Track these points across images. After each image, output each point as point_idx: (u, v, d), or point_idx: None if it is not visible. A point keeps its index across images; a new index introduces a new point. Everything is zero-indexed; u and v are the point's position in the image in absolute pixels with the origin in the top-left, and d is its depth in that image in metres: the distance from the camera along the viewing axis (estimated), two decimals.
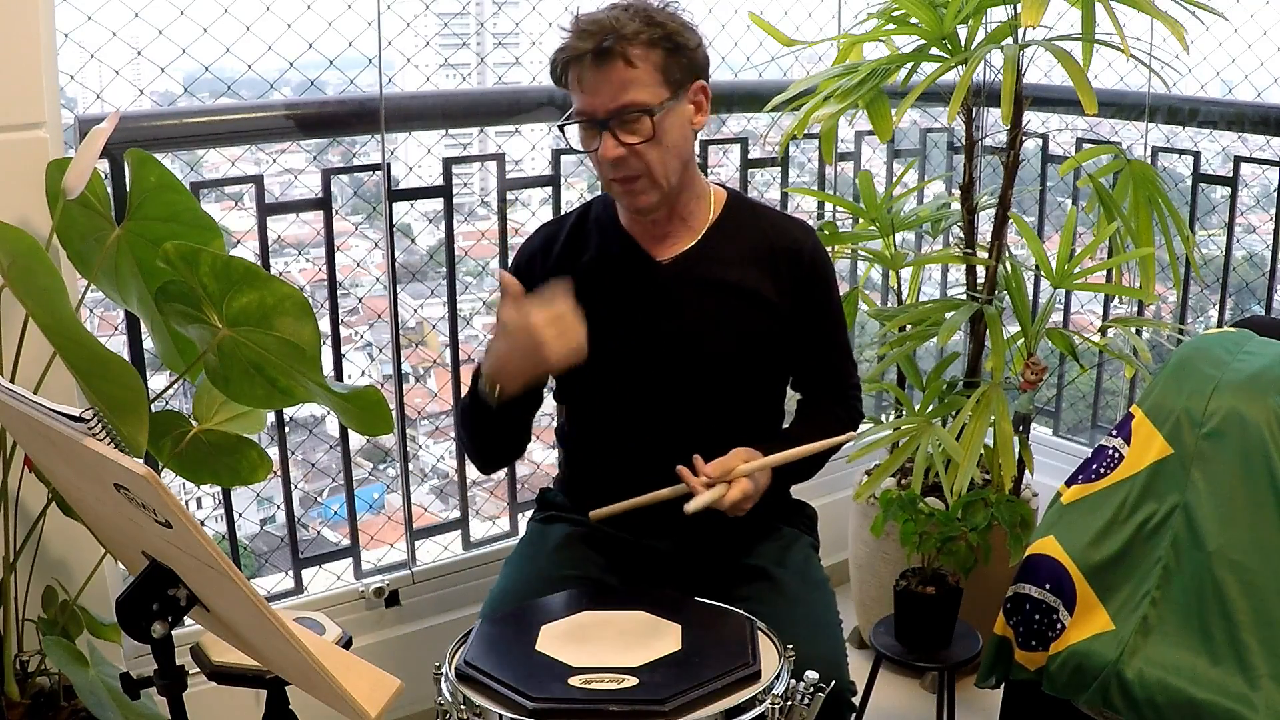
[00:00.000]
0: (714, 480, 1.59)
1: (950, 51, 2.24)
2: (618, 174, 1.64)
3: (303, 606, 2.24)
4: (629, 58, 1.58)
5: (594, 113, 1.60)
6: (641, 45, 1.58)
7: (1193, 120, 2.67)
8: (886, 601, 2.28)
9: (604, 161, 1.63)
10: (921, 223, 2.64)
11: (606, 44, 1.56)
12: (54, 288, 1.46)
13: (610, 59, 1.57)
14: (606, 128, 1.60)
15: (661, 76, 1.60)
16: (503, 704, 1.31)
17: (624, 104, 1.59)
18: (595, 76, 1.58)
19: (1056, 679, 1.85)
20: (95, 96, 1.98)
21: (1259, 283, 2.83)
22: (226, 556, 1.06)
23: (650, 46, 1.59)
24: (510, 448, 1.79)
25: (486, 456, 1.81)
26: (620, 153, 1.61)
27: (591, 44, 1.57)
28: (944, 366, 2.51)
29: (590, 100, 1.60)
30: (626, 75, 1.58)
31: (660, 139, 1.61)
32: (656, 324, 1.73)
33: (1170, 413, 1.95)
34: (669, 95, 1.61)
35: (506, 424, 1.69)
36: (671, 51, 1.61)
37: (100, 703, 1.52)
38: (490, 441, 1.75)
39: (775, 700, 1.32)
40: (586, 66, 1.58)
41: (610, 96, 1.59)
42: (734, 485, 1.59)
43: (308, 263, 2.40)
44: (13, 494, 1.68)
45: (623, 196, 1.69)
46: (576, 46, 1.58)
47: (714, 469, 1.60)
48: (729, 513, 1.61)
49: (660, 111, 1.60)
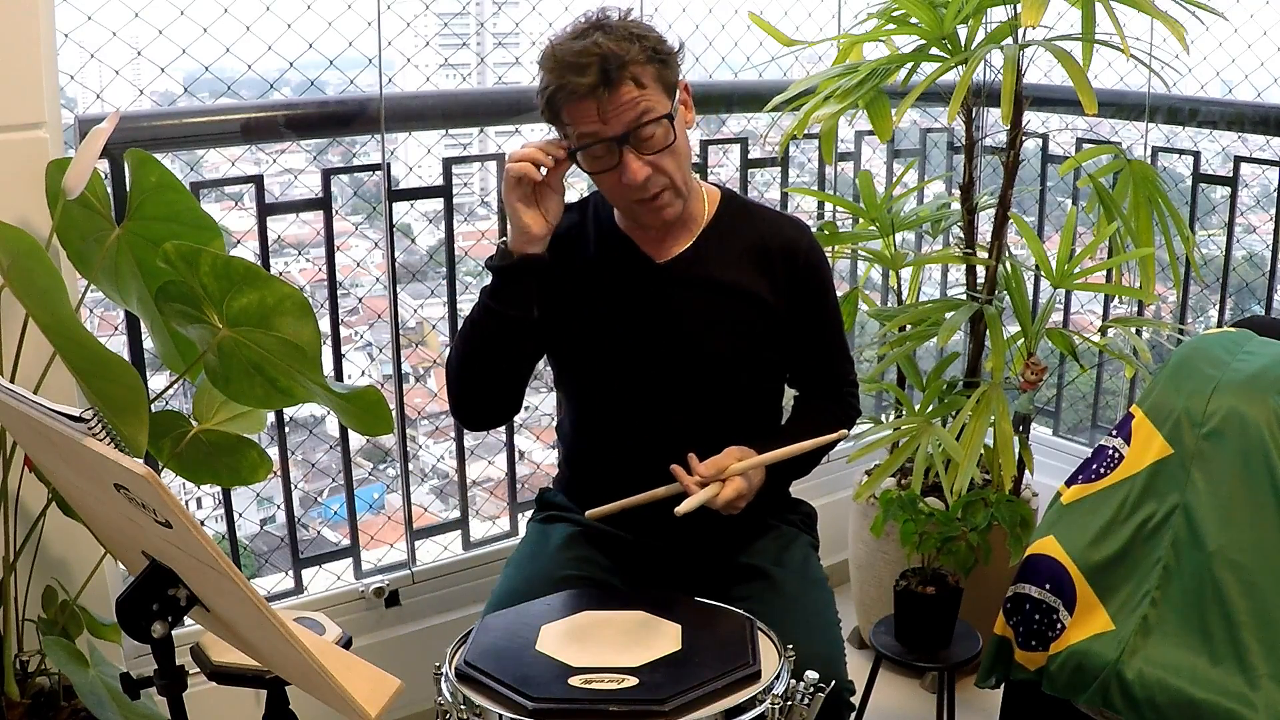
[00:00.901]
0: (707, 479, 1.60)
1: (950, 51, 2.24)
2: (646, 193, 1.62)
3: (303, 606, 2.24)
4: (637, 78, 1.57)
5: (611, 135, 1.58)
6: (639, 64, 1.57)
7: (1193, 120, 2.67)
8: (886, 601, 2.29)
9: (629, 185, 1.60)
10: (921, 223, 2.64)
11: (612, 73, 1.54)
12: (54, 288, 1.46)
13: (619, 85, 1.56)
14: (626, 143, 1.58)
15: (661, 86, 1.60)
16: (503, 704, 1.31)
17: (640, 119, 1.57)
18: (606, 105, 1.56)
19: (1056, 679, 1.85)
20: (95, 96, 1.98)
21: (1259, 283, 2.83)
22: (226, 556, 1.06)
23: (647, 63, 1.58)
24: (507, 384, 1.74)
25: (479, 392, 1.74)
26: (648, 171, 1.60)
27: (594, 77, 1.54)
28: (944, 366, 2.51)
29: (602, 126, 1.57)
30: (636, 94, 1.57)
31: (675, 145, 1.62)
32: (656, 325, 1.73)
33: (1170, 413, 1.95)
34: (672, 104, 1.62)
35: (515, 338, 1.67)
36: (662, 63, 1.60)
37: (100, 703, 1.52)
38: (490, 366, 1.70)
39: (775, 700, 1.32)
40: (596, 97, 1.55)
41: (626, 117, 1.57)
42: (727, 484, 1.60)
43: (308, 263, 2.40)
44: (13, 494, 1.68)
45: (646, 214, 1.67)
46: (578, 83, 1.54)
47: (707, 468, 1.60)
48: (723, 511, 1.61)
49: (675, 116, 1.61)
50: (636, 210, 1.67)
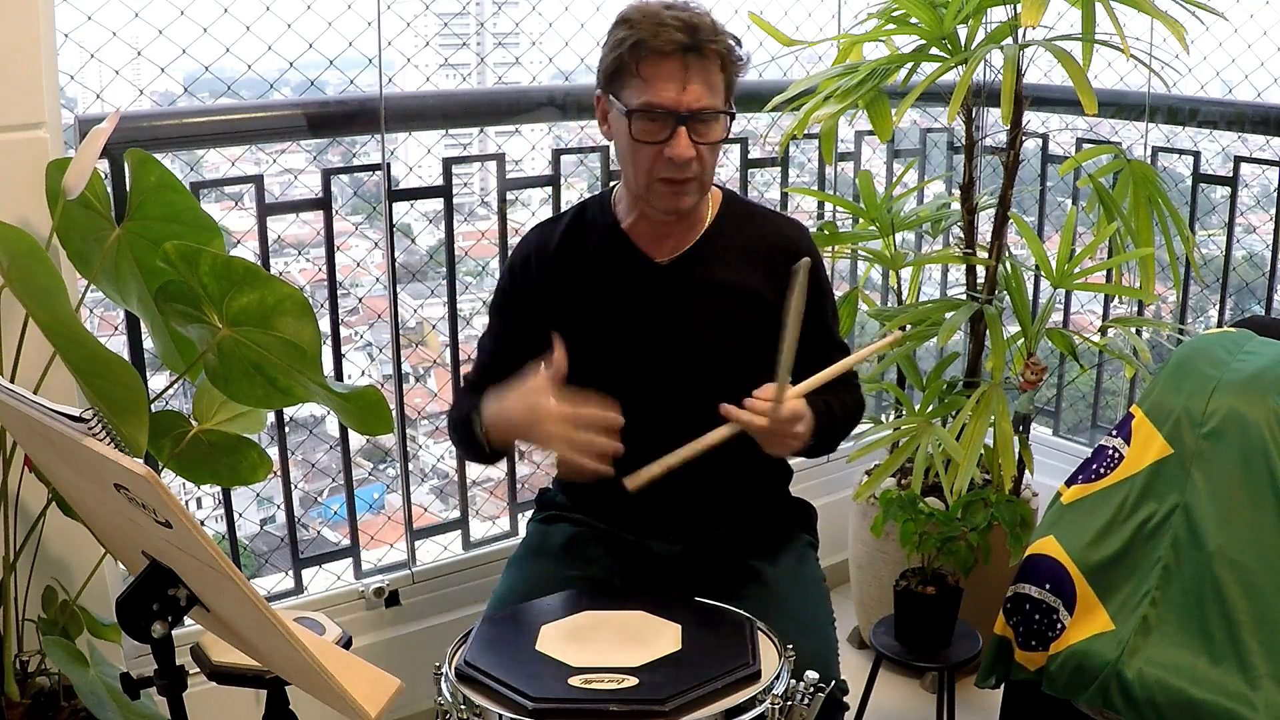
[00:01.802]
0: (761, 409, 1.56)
1: (950, 51, 2.24)
2: (679, 174, 1.62)
3: (303, 606, 2.24)
4: (724, 61, 1.58)
5: (677, 107, 1.57)
6: (723, 52, 1.59)
7: (1193, 120, 2.67)
8: (886, 601, 2.29)
9: (671, 159, 1.59)
10: (921, 223, 2.64)
11: (703, 43, 1.55)
12: (54, 288, 1.46)
13: (708, 58, 1.56)
14: (685, 123, 1.58)
15: (726, 89, 1.62)
16: (503, 704, 1.31)
17: (708, 105, 1.58)
18: (688, 72, 1.56)
19: (1056, 679, 1.85)
20: (95, 96, 1.98)
21: (1259, 283, 2.83)
22: (226, 556, 1.06)
23: (727, 55, 1.60)
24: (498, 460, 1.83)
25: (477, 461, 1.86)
26: (693, 154, 1.59)
27: (686, 37, 1.54)
28: (944, 366, 2.51)
29: (676, 94, 1.56)
30: (715, 78, 1.58)
31: (717, 146, 1.63)
32: (656, 325, 1.73)
33: (1170, 413, 1.95)
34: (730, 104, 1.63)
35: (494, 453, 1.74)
36: (734, 63, 1.62)
37: (100, 703, 1.52)
38: (478, 455, 1.78)
39: (775, 700, 1.33)
40: (681, 59, 1.55)
41: (697, 95, 1.57)
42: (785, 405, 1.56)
43: (308, 263, 2.40)
44: (13, 494, 1.68)
45: (666, 197, 1.66)
46: (669, 39, 1.54)
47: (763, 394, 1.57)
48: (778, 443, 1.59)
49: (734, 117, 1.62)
50: (658, 191, 1.65)
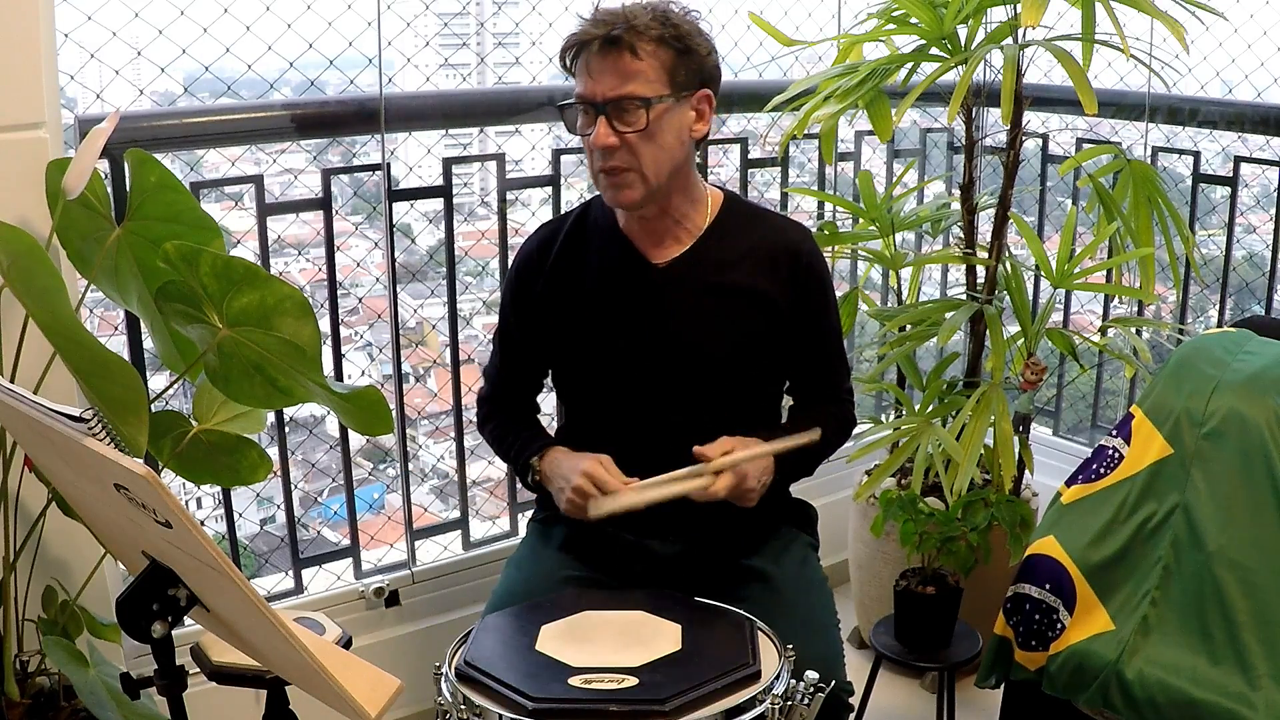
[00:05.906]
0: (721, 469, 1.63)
1: (950, 51, 2.24)
2: (606, 163, 1.64)
3: (303, 606, 2.24)
4: (635, 49, 1.59)
5: (593, 97, 1.61)
6: (651, 41, 1.60)
7: (1193, 120, 2.67)
8: (886, 601, 2.28)
9: (595, 149, 1.63)
10: (921, 223, 2.64)
11: (616, 32, 1.58)
12: (54, 288, 1.46)
13: (618, 47, 1.59)
14: (603, 113, 1.61)
15: (666, 76, 1.61)
16: (503, 704, 1.31)
17: (624, 94, 1.60)
18: (601, 63, 1.60)
19: (1056, 679, 1.85)
20: (95, 96, 1.98)
21: (1259, 283, 2.83)
22: (226, 556, 1.06)
23: (659, 43, 1.61)
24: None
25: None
26: (612, 141, 1.61)
27: (602, 31, 1.59)
28: (944, 366, 2.51)
29: (592, 86, 1.61)
30: (631, 66, 1.60)
31: (654, 135, 1.62)
32: (653, 327, 1.73)
33: (1170, 413, 1.95)
34: (669, 94, 1.62)
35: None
36: (681, 53, 1.62)
37: (100, 703, 1.52)
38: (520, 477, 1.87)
39: (775, 700, 1.32)
40: (594, 52, 1.60)
41: (611, 85, 1.60)
42: (720, 477, 1.62)
43: (308, 263, 2.40)
44: (13, 494, 1.68)
45: (608, 189, 1.68)
46: (588, 32, 1.61)
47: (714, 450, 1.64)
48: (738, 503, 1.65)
49: (657, 105, 1.61)
50: (603, 184, 1.69)
